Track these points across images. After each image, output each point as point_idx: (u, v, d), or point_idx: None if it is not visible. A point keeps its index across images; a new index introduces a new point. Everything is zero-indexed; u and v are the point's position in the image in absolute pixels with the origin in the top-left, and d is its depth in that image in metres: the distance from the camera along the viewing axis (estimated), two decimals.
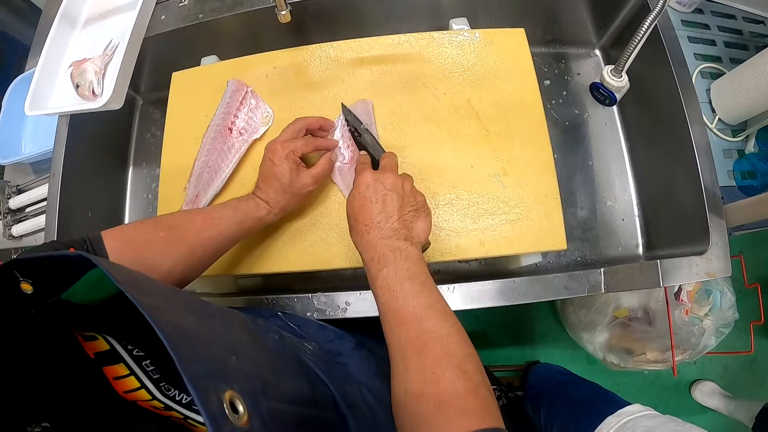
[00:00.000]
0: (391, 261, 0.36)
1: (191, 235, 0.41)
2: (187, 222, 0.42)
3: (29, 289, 0.23)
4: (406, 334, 0.32)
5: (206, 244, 0.42)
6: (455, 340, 0.32)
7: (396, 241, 0.38)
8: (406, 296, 0.34)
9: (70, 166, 0.65)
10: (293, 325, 0.49)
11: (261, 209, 0.45)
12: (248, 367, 0.24)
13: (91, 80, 0.60)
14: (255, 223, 0.45)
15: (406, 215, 0.40)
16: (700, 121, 0.57)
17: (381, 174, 0.42)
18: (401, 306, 0.34)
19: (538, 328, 1.22)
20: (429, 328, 0.32)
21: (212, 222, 0.42)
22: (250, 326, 0.31)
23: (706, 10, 0.68)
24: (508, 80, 0.56)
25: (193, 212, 0.44)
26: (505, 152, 0.53)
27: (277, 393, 0.25)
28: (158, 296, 0.23)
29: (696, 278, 0.53)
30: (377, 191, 0.40)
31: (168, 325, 0.19)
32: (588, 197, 0.69)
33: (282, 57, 0.59)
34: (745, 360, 1.19)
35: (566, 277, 0.52)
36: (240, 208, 0.44)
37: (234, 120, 0.56)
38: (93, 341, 0.27)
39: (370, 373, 0.44)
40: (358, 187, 0.41)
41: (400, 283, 0.35)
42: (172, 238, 0.40)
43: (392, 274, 0.35)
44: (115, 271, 0.21)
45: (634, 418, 0.62)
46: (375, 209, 0.39)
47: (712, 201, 0.54)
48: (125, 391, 0.27)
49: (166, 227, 0.40)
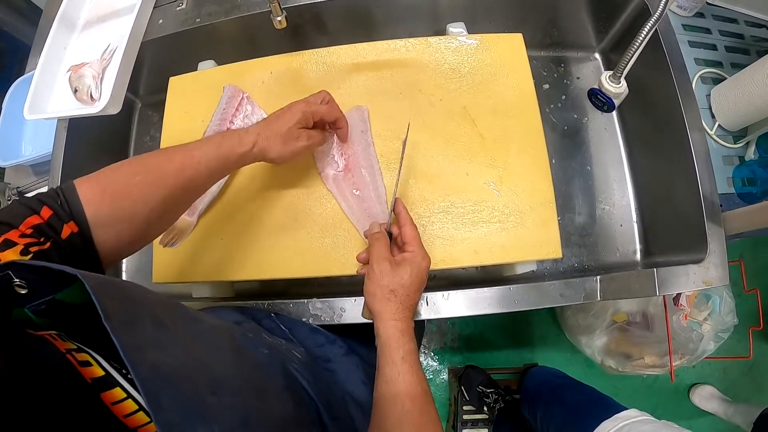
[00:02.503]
0: (414, 342, 0.41)
1: (170, 175, 0.38)
2: (165, 161, 0.39)
3: (23, 290, 0.23)
4: (411, 407, 0.37)
5: (186, 184, 0.40)
6: (441, 430, 0.38)
7: (413, 321, 0.43)
8: (419, 376, 0.39)
9: (68, 169, 0.66)
10: (284, 327, 0.49)
11: (245, 144, 0.43)
12: (230, 401, 0.24)
13: (89, 85, 0.60)
14: (237, 159, 0.43)
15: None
16: (699, 127, 0.56)
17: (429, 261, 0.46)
18: (416, 382, 0.38)
19: (536, 331, 1.21)
20: (430, 411, 0.38)
21: (193, 160, 0.40)
22: (239, 341, 0.31)
23: (707, 14, 0.67)
24: (505, 86, 0.55)
25: (171, 150, 0.41)
26: (501, 159, 0.53)
27: (261, 420, 0.26)
28: (147, 323, 0.23)
29: (693, 287, 0.52)
30: (427, 275, 0.45)
31: (148, 369, 0.20)
32: (586, 203, 0.69)
33: (278, 62, 0.59)
34: (744, 364, 1.18)
35: (562, 284, 0.52)
36: (223, 144, 0.42)
37: (230, 126, 0.56)
38: (88, 367, 0.27)
39: (357, 380, 0.44)
40: (416, 261, 0.44)
41: (417, 364, 0.40)
42: (151, 180, 0.37)
43: (414, 351, 0.40)
44: (107, 296, 0.21)
45: (630, 423, 0.62)
46: (420, 293, 0.44)
47: (710, 209, 0.54)
48: (125, 416, 0.27)
49: (143, 170, 0.38)
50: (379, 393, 0.38)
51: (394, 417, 0.36)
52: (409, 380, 0.38)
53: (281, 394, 0.31)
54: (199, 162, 0.40)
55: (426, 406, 0.38)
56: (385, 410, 0.37)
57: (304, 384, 0.36)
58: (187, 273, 0.54)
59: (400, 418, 0.36)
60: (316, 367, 0.42)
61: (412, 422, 0.36)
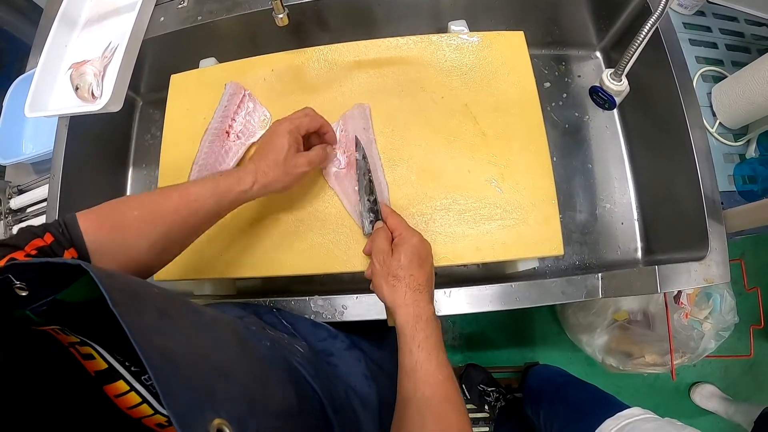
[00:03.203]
0: (433, 326, 0.39)
1: (167, 213, 0.39)
2: (163, 199, 0.40)
3: (24, 291, 0.23)
4: (431, 395, 0.35)
5: (184, 221, 0.40)
6: (466, 418, 0.36)
7: (431, 305, 0.41)
8: (440, 363, 0.37)
9: (69, 167, 0.66)
10: (287, 322, 0.49)
11: (244, 182, 0.43)
12: (237, 389, 0.24)
13: (91, 82, 0.60)
14: (236, 197, 0.43)
15: (434, 278, 0.44)
16: (700, 125, 0.56)
17: (424, 238, 0.45)
18: (434, 369, 0.37)
19: (537, 329, 1.22)
20: (452, 398, 0.36)
21: (189, 199, 0.40)
22: (241, 334, 0.31)
23: (707, 12, 0.67)
24: (506, 84, 0.55)
25: (169, 189, 0.42)
26: (503, 157, 0.53)
27: (266, 410, 0.26)
28: (152, 313, 0.23)
29: (694, 284, 0.52)
30: (429, 254, 0.44)
31: (157, 353, 0.20)
32: (587, 200, 0.69)
33: (280, 60, 0.59)
34: (745, 363, 1.18)
35: (564, 281, 0.52)
36: (220, 183, 0.42)
37: (231, 123, 0.56)
38: (91, 360, 0.27)
39: (359, 374, 0.44)
40: (406, 240, 0.43)
41: (437, 350, 0.38)
42: (148, 217, 0.39)
43: (432, 337, 0.39)
44: (112, 287, 0.21)
45: (633, 421, 0.62)
46: (426, 271, 0.43)
47: (711, 206, 0.54)
48: (128, 408, 0.27)
49: (141, 206, 0.39)
50: (401, 386, 0.37)
51: (414, 407, 0.35)
52: (426, 368, 0.37)
53: (285, 386, 0.31)
54: (196, 200, 0.41)
55: (448, 393, 0.36)
56: (406, 402, 0.36)
57: (307, 377, 0.36)
58: (189, 270, 0.54)
59: (420, 408, 0.35)
60: (318, 361, 0.42)
61: (432, 412, 0.35)
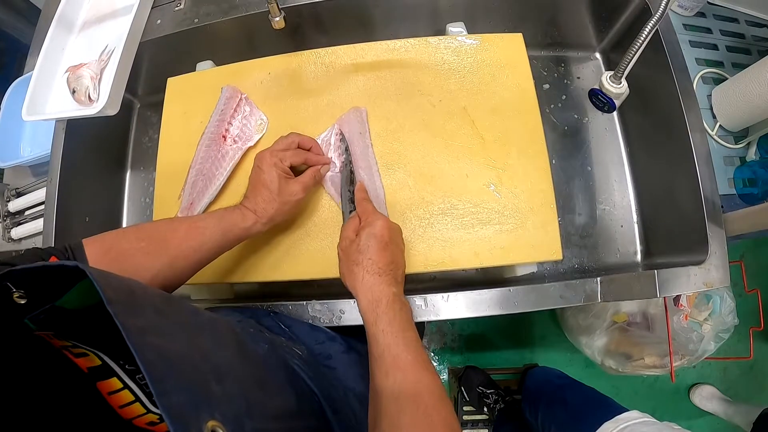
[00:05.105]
0: (396, 309, 0.39)
1: (173, 245, 0.40)
2: (169, 231, 0.41)
3: (23, 300, 0.23)
4: (403, 378, 0.34)
5: (188, 254, 0.41)
6: (443, 396, 0.35)
7: (393, 287, 0.40)
8: (407, 344, 0.36)
9: (67, 170, 0.65)
10: (284, 326, 0.49)
11: (247, 219, 0.44)
12: (233, 389, 0.24)
13: (87, 85, 0.60)
14: (241, 233, 0.44)
15: (402, 261, 0.43)
16: (700, 127, 0.56)
17: (389, 221, 0.44)
18: (401, 352, 0.36)
19: (536, 331, 1.21)
20: (424, 379, 0.35)
21: (195, 232, 0.41)
22: (239, 336, 0.31)
23: (708, 13, 0.67)
24: (504, 87, 0.55)
25: (176, 221, 0.43)
26: (501, 161, 0.52)
27: (264, 410, 0.25)
28: (149, 312, 0.23)
29: (693, 288, 0.52)
30: (393, 238, 0.43)
31: (152, 352, 0.19)
32: (587, 203, 0.69)
33: (276, 63, 0.59)
34: (744, 365, 1.18)
35: (562, 286, 0.52)
36: (225, 218, 0.44)
37: (228, 127, 0.55)
38: (84, 357, 0.27)
39: (356, 375, 0.44)
40: (368, 225, 0.42)
41: (403, 331, 0.37)
42: (154, 248, 0.39)
43: (397, 320, 0.38)
44: (108, 285, 0.21)
45: (631, 424, 0.62)
46: (388, 253, 0.42)
47: (711, 210, 0.54)
48: (120, 406, 0.27)
49: (147, 237, 0.40)
50: (372, 376, 0.36)
51: (388, 392, 0.34)
52: (395, 352, 0.36)
53: (283, 387, 0.31)
54: (203, 233, 0.42)
55: (420, 375, 0.35)
56: (379, 391, 0.35)
57: (306, 379, 0.35)
58: None
59: (394, 393, 0.34)
60: (316, 364, 0.42)
61: (407, 395, 0.34)
